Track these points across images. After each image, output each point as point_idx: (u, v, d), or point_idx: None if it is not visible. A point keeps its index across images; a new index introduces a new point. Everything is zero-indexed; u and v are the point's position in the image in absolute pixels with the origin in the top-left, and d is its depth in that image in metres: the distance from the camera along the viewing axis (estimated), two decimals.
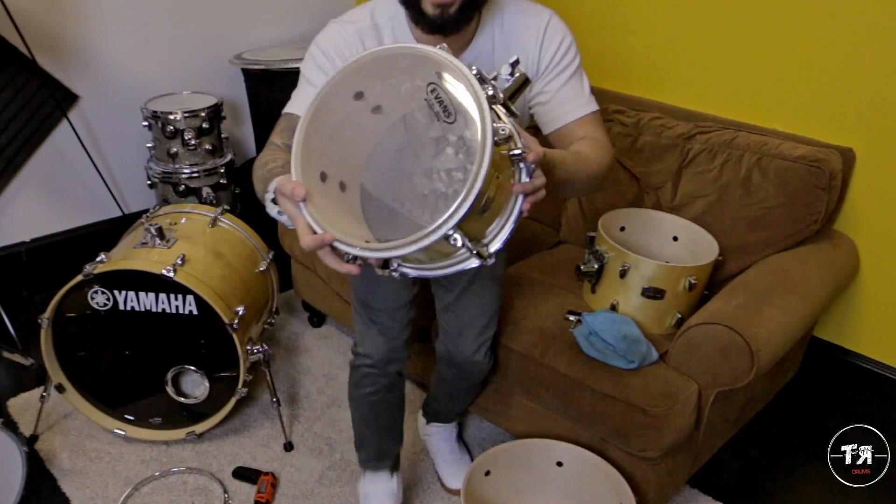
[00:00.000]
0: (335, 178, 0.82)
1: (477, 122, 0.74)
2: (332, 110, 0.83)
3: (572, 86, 1.17)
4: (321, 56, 1.12)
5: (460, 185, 0.74)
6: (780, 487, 1.73)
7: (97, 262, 1.61)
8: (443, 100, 0.77)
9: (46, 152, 2.26)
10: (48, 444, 1.78)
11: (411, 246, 0.73)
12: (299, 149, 0.82)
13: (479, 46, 1.15)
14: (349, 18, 1.14)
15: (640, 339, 1.47)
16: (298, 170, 0.81)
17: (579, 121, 1.17)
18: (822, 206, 1.59)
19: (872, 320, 1.82)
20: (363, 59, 0.82)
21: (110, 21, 2.26)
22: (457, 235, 0.73)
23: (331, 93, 0.83)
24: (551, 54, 1.14)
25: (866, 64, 1.64)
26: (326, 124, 0.83)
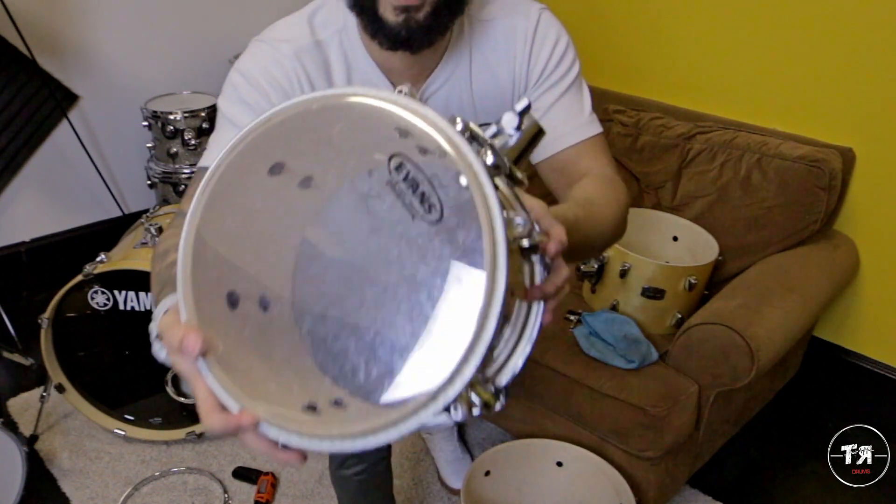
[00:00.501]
0: (251, 296, 0.51)
1: (481, 220, 0.44)
2: (237, 194, 0.52)
3: (569, 101, 0.91)
4: (247, 87, 0.83)
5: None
6: (780, 487, 1.73)
7: (97, 262, 1.61)
8: (417, 182, 0.47)
9: (46, 152, 2.26)
10: (48, 444, 1.78)
11: (400, 427, 0.44)
12: (187, 267, 0.51)
13: (452, 64, 0.89)
14: (281, 35, 0.86)
15: (640, 339, 1.47)
16: (189, 301, 0.50)
17: (579, 147, 0.91)
18: (821, 206, 1.59)
19: (872, 320, 1.82)
20: (277, 117, 0.51)
21: (110, 21, 2.26)
22: (473, 396, 0.46)
23: (233, 168, 0.52)
24: (543, 62, 0.90)
25: (866, 64, 1.64)
26: (229, 216, 0.52)
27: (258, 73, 0.83)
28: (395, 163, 0.48)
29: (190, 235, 0.51)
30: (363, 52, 0.86)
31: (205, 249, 0.52)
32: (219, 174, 0.52)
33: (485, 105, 0.92)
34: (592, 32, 2.13)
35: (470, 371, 0.43)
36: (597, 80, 2.07)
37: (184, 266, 0.51)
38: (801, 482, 1.74)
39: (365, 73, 0.86)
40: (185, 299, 0.51)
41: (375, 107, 0.48)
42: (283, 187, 0.52)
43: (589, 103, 0.94)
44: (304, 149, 0.52)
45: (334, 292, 0.50)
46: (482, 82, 0.90)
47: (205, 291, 0.51)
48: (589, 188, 0.86)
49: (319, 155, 0.51)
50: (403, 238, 0.48)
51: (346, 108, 0.49)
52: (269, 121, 0.51)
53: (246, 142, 0.52)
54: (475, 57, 0.90)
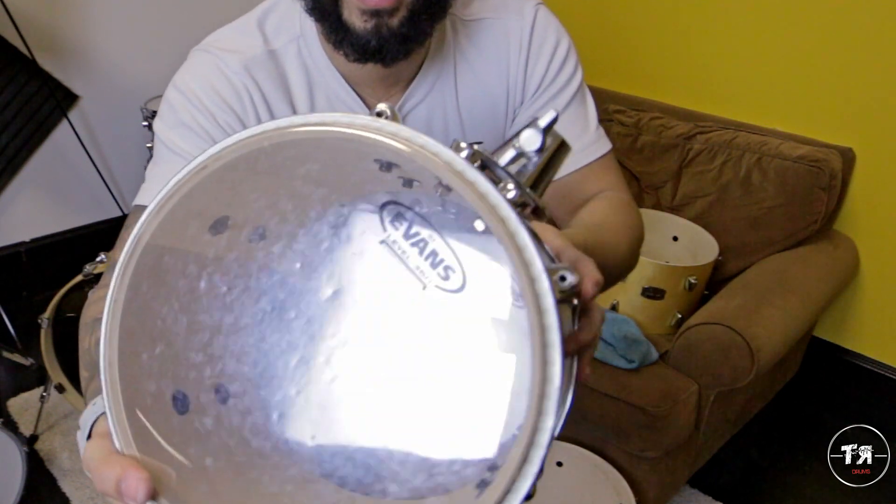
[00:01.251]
0: (204, 390, 0.38)
1: (508, 282, 0.33)
2: (169, 267, 0.38)
3: (573, 115, 0.79)
4: (187, 107, 0.69)
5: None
6: (780, 487, 1.73)
7: (97, 262, 1.61)
8: (423, 241, 0.35)
9: (46, 152, 2.26)
10: (48, 443, 1.78)
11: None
12: (114, 373, 0.37)
13: (433, 74, 0.75)
14: (228, 44, 0.72)
15: (640, 338, 1.47)
16: (122, 421, 0.36)
17: (586, 170, 0.78)
18: (821, 206, 1.59)
19: (872, 320, 1.82)
20: (215, 163, 0.36)
21: (111, 21, 2.26)
22: None
23: (161, 233, 0.38)
24: (543, 69, 0.76)
25: (866, 64, 1.64)
26: (161, 296, 0.38)
27: (200, 89, 0.69)
28: (389, 212, 0.36)
29: (113, 328, 0.37)
30: (326, 61, 0.72)
31: (133, 342, 0.37)
32: (143, 244, 0.38)
33: (473, 122, 0.79)
34: (592, 32, 2.13)
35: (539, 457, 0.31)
36: (597, 80, 2.07)
37: (109, 372, 0.36)
38: (801, 482, 1.74)
39: (329, 87, 0.73)
40: (117, 420, 0.36)
41: (352, 137, 0.34)
42: (233, 245, 0.38)
43: (595, 116, 0.81)
44: (257, 202, 0.38)
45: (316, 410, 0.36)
46: (470, 94, 0.77)
47: (140, 398, 0.36)
48: (598, 212, 0.74)
49: (273, 203, 0.38)
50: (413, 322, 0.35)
51: (311, 143, 0.36)
52: (205, 168, 0.36)
53: (174, 199, 0.37)
54: (461, 64, 0.76)
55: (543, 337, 0.31)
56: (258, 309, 0.38)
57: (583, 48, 0.86)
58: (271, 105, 0.72)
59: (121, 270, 0.37)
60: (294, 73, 0.73)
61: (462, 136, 0.78)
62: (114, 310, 0.37)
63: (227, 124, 0.70)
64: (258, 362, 0.38)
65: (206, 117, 0.69)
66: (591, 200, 0.77)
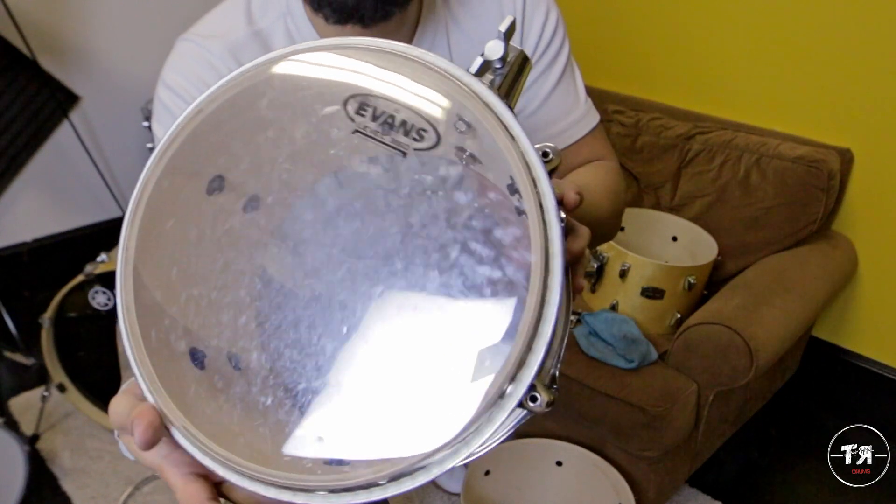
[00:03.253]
0: (218, 355, 0.38)
1: (509, 162, 0.36)
2: (170, 228, 0.40)
3: (566, 88, 0.79)
4: (179, 104, 0.70)
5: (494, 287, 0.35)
6: (780, 487, 1.73)
7: (98, 262, 1.62)
8: (390, 116, 0.38)
9: (48, 153, 2.27)
10: (49, 443, 1.79)
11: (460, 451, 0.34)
12: (133, 326, 0.38)
13: (426, 44, 0.75)
14: (211, 29, 0.72)
15: (639, 338, 1.47)
16: (148, 369, 0.38)
17: (581, 141, 0.81)
18: (820, 206, 1.59)
19: (871, 320, 1.82)
20: (206, 110, 0.40)
21: (112, 22, 2.26)
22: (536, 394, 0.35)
23: (158, 194, 0.40)
24: (535, 37, 0.75)
25: (865, 65, 1.65)
26: (166, 258, 0.39)
27: (188, 82, 0.69)
28: (353, 106, 0.39)
29: (127, 274, 0.39)
30: (311, 32, 0.72)
31: (146, 296, 0.39)
32: (149, 191, 0.40)
33: None
34: (592, 32, 2.13)
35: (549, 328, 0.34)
36: (596, 80, 2.07)
37: (127, 317, 0.39)
38: (801, 482, 1.74)
39: None
40: (139, 362, 0.38)
41: (317, 44, 0.40)
42: (226, 212, 0.39)
43: (583, 87, 0.82)
44: (238, 140, 0.40)
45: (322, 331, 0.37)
46: (466, 62, 0.79)
47: (163, 358, 0.38)
48: (582, 174, 0.78)
49: (258, 146, 0.40)
50: (401, 195, 0.37)
51: (272, 79, 0.40)
52: (201, 111, 0.40)
53: (175, 146, 0.40)
54: (454, 33, 0.74)
55: (540, 200, 0.35)
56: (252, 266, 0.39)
57: (583, 48, 0.89)
58: None
59: (130, 218, 0.40)
60: None
61: None
62: (126, 258, 0.39)
63: None
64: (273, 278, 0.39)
65: None
66: (580, 167, 0.80)
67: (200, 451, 0.36)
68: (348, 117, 0.38)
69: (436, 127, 0.37)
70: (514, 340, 0.34)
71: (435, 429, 0.34)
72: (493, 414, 0.34)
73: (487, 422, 0.34)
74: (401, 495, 0.35)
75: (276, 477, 0.35)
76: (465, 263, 0.36)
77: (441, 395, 0.35)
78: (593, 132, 0.82)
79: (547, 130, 0.79)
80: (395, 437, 0.34)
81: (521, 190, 0.36)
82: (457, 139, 0.37)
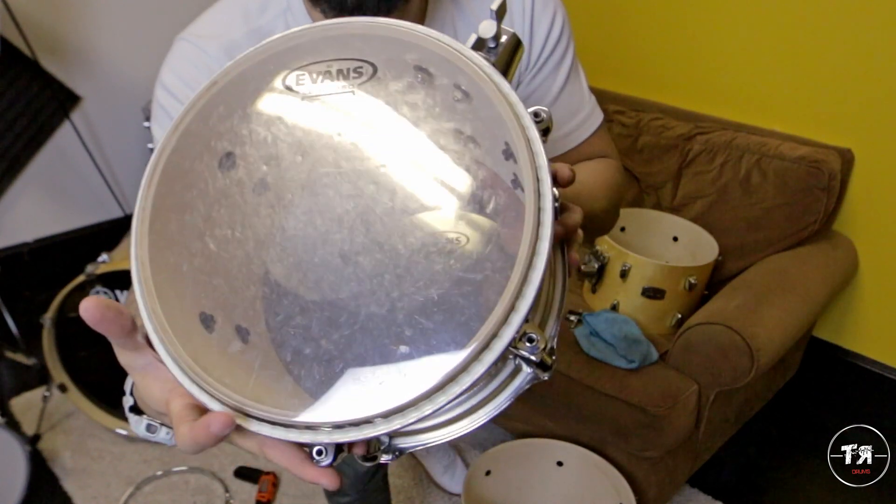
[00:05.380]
0: (227, 323, 0.40)
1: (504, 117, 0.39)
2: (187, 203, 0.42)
3: (573, 87, 0.80)
4: (174, 104, 0.71)
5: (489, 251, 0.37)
6: (780, 487, 1.73)
7: (99, 263, 1.62)
8: (327, 72, 0.43)
9: (49, 153, 2.27)
10: (50, 443, 1.79)
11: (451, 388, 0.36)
12: (145, 273, 0.41)
13: None
14: (207, 30, 0.71)
15: (640, 339, 1.47)
16: (157, 311, 0.41)
17: (589, 140, 0.82)
18: (821, 206, 1.59)
19: (871, 320, 1.82)
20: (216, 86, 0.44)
21: (112, 22, 2.26)
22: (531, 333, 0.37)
23: (171, 169, 0.43)
24: (543, 37, 0.75)
25: (865, 65, 1.65)
26: (179, 234, 0.42)
27: (184, 84, 0.69)
28: (292, 79, 0.43)
29: (143, 233, 0.41)
30: None
31: (160, 266, 0.41)
32: (165, 156, 0.43)
33: None
34: (592, 32, 2.13)
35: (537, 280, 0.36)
36: (597, 80, 2.06)
37: (141, 272, 0.41)
38: (801, 482, 1.74)
39: None
40: (152, 312, 0.40)
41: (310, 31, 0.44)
42: (237, 186, 0.42)
43: (587, 86, 0.83)
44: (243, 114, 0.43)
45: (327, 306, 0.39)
46: None
47: (172, 309, 0.40)
48: (582, 167, 0.77)
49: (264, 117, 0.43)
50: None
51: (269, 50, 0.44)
52: (216, 84, 0.44)
53: (189, 116, 0.43)
54: (461, 27, 0.73)
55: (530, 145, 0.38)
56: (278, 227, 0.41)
57: (584, 48, 0.89)
58: None
59: (147, 181, 0.42)
60: None
61: None
62: (142, 217, 0.42)
63: None
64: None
65: None
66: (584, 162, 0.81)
67: (209, 397, 0.39)
68: (290, 90, 0.42)
69: (366, 60, 0.41)
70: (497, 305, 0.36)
71: (424, 375, 0.36)
72: (492, 344, 0.36)
73: (483, 357, 0.36)
74: (396, 431, 0.37)
75: (279, 416, 0.37)
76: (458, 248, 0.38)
77: (429, 347, 0.37)
78: (597, 131, 0.83)
79: (555, 132, 0.80)
80: (391, 386, 0.36)
81: (517, 155, 0.38)
82: (455, 111, 0.40)
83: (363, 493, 1.26)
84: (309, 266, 0.40)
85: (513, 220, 0.37)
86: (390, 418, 0.36)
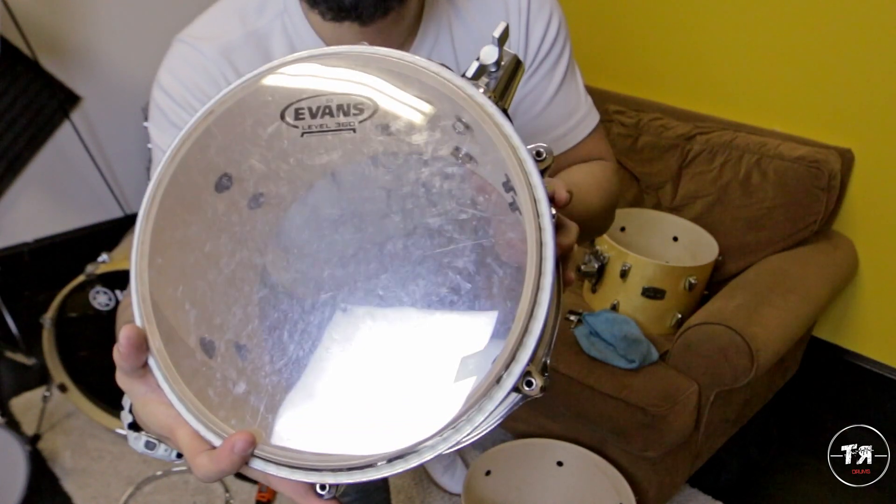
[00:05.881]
0: (226, 342, 0.41)
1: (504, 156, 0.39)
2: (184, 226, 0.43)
3: (568, 89, 0.80)
4: (174, 107, 0.71)
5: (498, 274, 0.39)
6: (780, 487, 1.73)
7: (99, 263, 1.62)
8: (327, 108, 0.42)
9: (49, 153, 2.27)
10: (50, 443, 1.79)
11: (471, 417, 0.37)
12: (153, 327, 0.42)
13: (430, 41, 0.73)
14: (204, 31, 0.71)
15: (640, 339, 1.47)
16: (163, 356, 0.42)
17: (578, 148, 0.82)
18: (821, 206, 1.59)
19: (871, 320, 1.82)
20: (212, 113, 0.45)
21: (113, 23, 2.26)
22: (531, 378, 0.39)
23: (168, 201, 0.43)
24: (538, 39, 0.75)
25: (865, 66, 1.65)
26: (177, 251, 0.43)
27: (182, 86, 0.69)
28: (291, 115, 0.43)
29: (142, 269, 0.42)
30: (308, 30, 0.69)
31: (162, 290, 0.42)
32: (163, 188, 0.44)
33: None
34: (592, 32, 2.13)
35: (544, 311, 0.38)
36: (597, 81, 2.07)
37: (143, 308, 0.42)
38: (801, 482, 1.74)
39: None
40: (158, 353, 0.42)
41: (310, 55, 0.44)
42: (232, 210, 0.43)
43: (584, 87, 0.83)
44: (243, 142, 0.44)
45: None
46: (470, 58, 0.75)
47: (177, 340, 0.42)
48: (574, 171, 0.79)
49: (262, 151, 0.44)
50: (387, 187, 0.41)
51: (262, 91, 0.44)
52: (212, 112, 0.44)
53: (187, 146, 0.44)
54: (458, 28, 0.73)
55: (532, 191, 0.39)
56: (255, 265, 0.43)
57: (584, 48, 0.91)
58: None
59: (144, 214, 0.43)
60: (278, 51, 0.70)
61: None
62: (141, 251, 0.42)
63: None
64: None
65: (190, 115, 0.68)
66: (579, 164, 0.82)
67: (216, 436, 0.40)
68: (291, 126, 0.43)
69: (369, 98, 0.42)
70: (506, 338, 0.37)
71: (428, 418, 0.37)
72: (493, 393, 0.37)
73: (483, 406, 0.37)
74: (398, 475, 0.39)
75: (285, 458, 0.38)
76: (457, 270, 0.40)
77: (431, 390, 0.37)
78: (593, 133, 0.83)
79: (550, 133, 0.80)
80: (392, 428, 0.38)
81: (517, 188, 0.39)
82: (456, 140, 0.40)
83: (363, 493, 1.26)
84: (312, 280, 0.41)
85: (514, 269, 0.39)
86: (393, 462, 0.37)
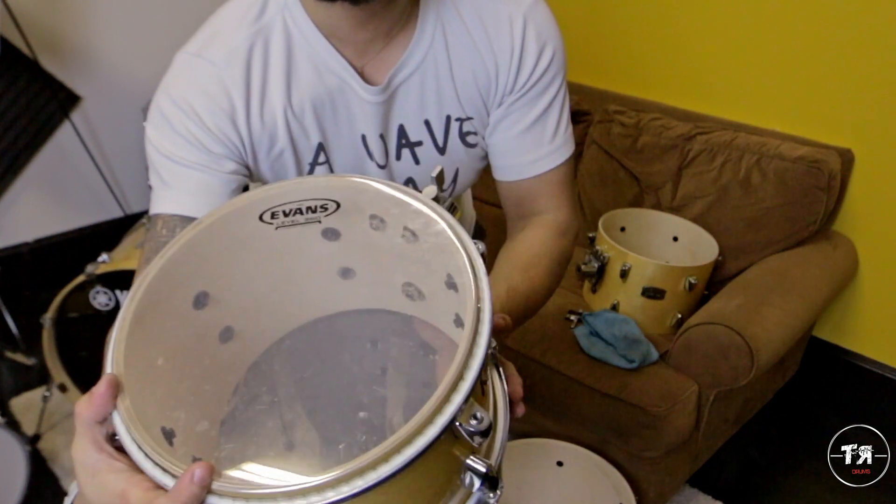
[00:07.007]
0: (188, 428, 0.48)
1: (464, 288, 0.44)
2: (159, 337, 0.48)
3: (549, 118, 0.81)
4: (179, 115, 0.71)
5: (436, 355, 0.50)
6: (780, 487, 1.73)
7: (99, 263, 1.62)
8: (297, 209, 0.52)
9: (49, 153, 2.27)
10: (50, 443, 1.79)
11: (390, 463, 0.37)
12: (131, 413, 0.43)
13: (427, 38, 0.75)
14: (208, 42, 0.74)
15: (640, 338, 1.47)
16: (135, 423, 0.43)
17: (543, 177, 0.83)
18: (820, 206, 1.59)
19: (871, 320, 1.82)
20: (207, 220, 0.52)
21: (112, 22, 2.26)
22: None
23: (146, 304, 0.47)
24: (530, 68, 0.78)
25: (865, 66, 1.65)
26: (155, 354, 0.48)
27: (190, 95, 0.71)
28: (267, 216, 0.52)
29: (119, 352, 0.45)
30: (308, 23, 0.72)
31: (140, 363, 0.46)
32: (146, 285, 0.48)
33: (468, 93, 0.79)
34: (592, 32, 2.13)
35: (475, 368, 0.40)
36: (597, 81, 2.07)
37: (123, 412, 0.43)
38: (801, 482, 1.74)
39: (311, 49, 0.73)
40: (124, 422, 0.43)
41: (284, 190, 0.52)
42: (209, 335, 0.52)
43: (568, 115, 0.84)
44: (222, 263, 0.52)
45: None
46: (463, 60, 0.77)
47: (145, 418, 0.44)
48: (535, 244, 0.80)
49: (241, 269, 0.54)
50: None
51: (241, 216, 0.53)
52: (201, 223, 0.51)
53: (175, 248, 0.50)
54: (455, 25, 0.76)
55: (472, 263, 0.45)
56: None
57: (583, 48, 0.93)
58: (266, 85, 0.73)
59: (123, 315, 0.47)
60: (276, 44, 0.72)
61: (460, 110, 0.80)
62: (116, 359, 0.45)
63: (216, 127, 0.72)
64: None
65: (196, 124, 0.71)
66: (532, 227, 0.84)
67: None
68: (266, 224, 0.51)
69: (332, 199, 0.51)
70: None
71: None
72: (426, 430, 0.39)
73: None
74: None
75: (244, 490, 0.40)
76: None
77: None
78: (558, 170, 0.83)
79: (518, 157, 0.82)
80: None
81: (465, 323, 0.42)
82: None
83: None
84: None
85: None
86: (323, 491, 0.38)
